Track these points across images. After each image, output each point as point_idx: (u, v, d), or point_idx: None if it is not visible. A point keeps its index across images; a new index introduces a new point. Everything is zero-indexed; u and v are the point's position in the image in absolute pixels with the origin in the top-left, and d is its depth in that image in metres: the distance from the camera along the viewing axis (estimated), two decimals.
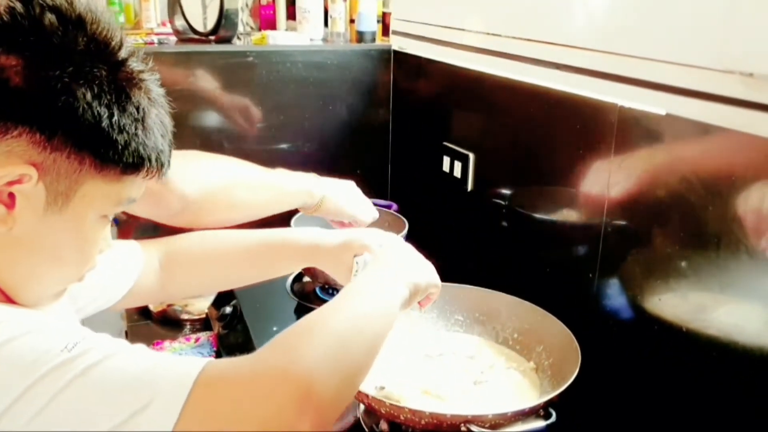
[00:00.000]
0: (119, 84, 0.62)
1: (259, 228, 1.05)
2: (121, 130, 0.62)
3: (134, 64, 0.65)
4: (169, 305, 1.53)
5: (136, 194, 0.69)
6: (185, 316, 1.52)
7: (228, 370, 0.59)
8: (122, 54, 0.64)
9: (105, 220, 0.68)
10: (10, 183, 0.59)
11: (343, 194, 1.28)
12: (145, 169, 0.66)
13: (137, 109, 0.63)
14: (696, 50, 0.84)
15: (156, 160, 0.66)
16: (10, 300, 0.66)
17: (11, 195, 0.60)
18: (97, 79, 0.60)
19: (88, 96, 0.59)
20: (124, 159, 0.63)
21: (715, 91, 0.81)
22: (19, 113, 0.58)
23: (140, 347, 0.60)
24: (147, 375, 0.56)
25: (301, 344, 0.63)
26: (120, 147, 0.62)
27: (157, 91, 0.68)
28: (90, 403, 0.54)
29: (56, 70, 0.58)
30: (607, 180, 1.02)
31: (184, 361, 0.58)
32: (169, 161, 0.70)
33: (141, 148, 0.64)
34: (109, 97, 0.61)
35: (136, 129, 0.63)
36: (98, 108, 0.60)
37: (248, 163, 1.19)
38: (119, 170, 0.64)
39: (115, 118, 0.61)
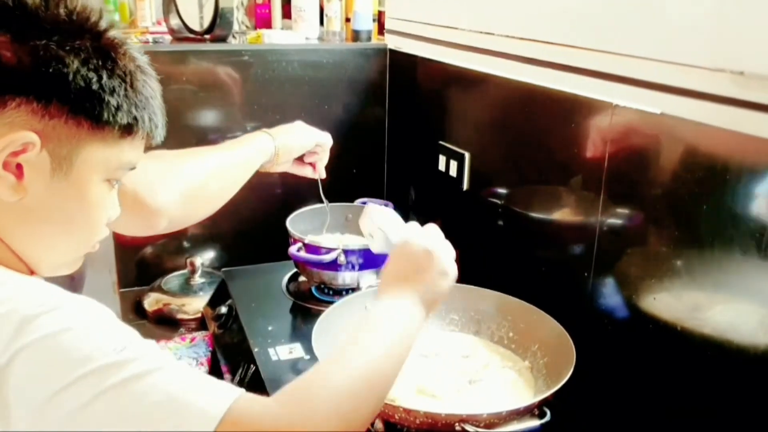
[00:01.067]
0: (104, 50, 0.66)
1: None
2: (111, 92, 0.66)
3: (115, 33, 0.69)
4: (165, 304, 1.53)
5: (135, 159, 0.72)
6: (181, 316, 1.52)
7: (255, 413, 0.62)
8: (103, 24, 0.67)
9: (109, 185, 0.71)
10: (15, 153, 0.62)
11: (294, 132, 1.29)
12: (140, 129, 0.70)
13: (124, 72, 0.67)
14: (688, 49, 0.84)
15: (149, 120, 0.70)
16: (32, 272, 0.70)
17: (19, 166, 0.63)
18: (83, 47, 0.64)
19: (76, 62, 0.63)
20: (118, 120, 0.67)
21: (707, 90, 0.81)
22: (14, 85, 0.62)
23: (179, 364, 0.63)
24: (182, 398, 0.59)
25: (318, 399, 0.66)
26: (113, 108, 0.66)
27: (142, 59, 0.71)
28: (125, 415, 0.57)
29: (42, 40, 0.62)
30: (601, 179, 1.02)
31: (219, 388, 0.61)
32: (163, 124, 0.73)
33: (133, 109, 0.68)
34: (95, 62, 0.64)
35: (125, 90, 0.67)
36: (87, 73, 0.64)
37: (207, 149, 1.19)
38: (116, 132, 0.67)
39: (105, 80, 0.65)
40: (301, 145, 1.29)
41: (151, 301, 1.55)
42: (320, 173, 1.35)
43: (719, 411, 0.86)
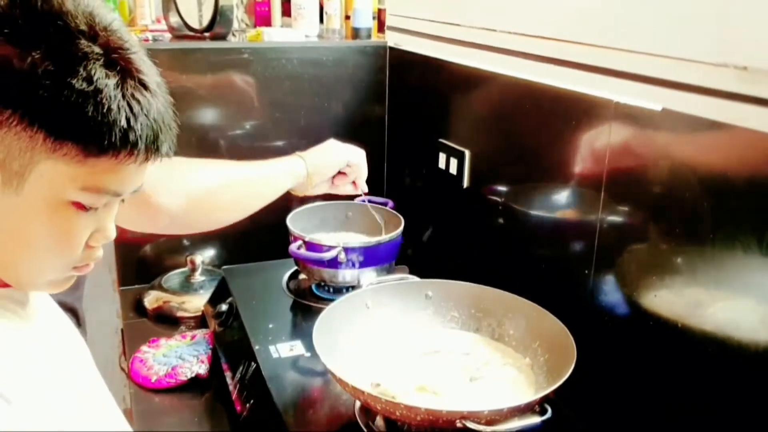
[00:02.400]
0: (71, 54, 0.57)
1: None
2: (75, 104, 0.57)
3: (104, 37, 0.60)
4: (165, 302, 1.53)
5: (116, 185, 0.63)
6: (181, 314, 1.52)
7: None
8: (80, 24, 0.58)
9: (75, 208, 0.62)
10: None
11: (325, 153, 1.31)
12: (108, 148, 0.59)
13: (88, 81, 0.57)
14: (690, 44, 0.84)
15: (121, 141, 0.60)
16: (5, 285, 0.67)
17: None
18: (41, 46, 0.56)
19: (27, 62, 0.55)
20: (79, 137, 0.58)
21: (710, 85, 0.81)
22: None
23: None
24: None
25: None
26: (75, 123, 0.57)
27: (143, 69, 0.62)
28: None
29: None
30: (602, 176, 1.02)
31: None
32: (153, 143, 0.63)
33: (96, 124, 0.58)
34: (55, 66, 0.56)
35: (85, 101, 0.57)
36: (42, 78, 0.56)
37: (230, 162, 1.20)
38: (80, 150, 0.59)
39: (65, 89, 0.56)
40: (332, 166, 1.31)
41: (152, 299, 1.55)
42: (361, 188, 1.36)
43: (720, 408, 0.86)
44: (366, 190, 1.37)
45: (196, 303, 1.53)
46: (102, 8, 0.62)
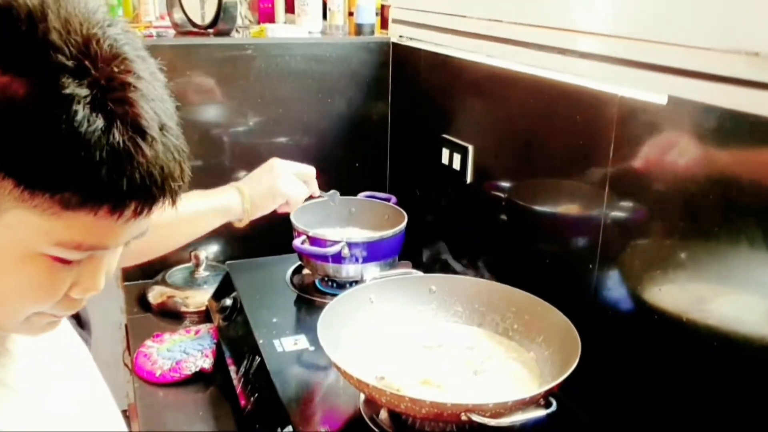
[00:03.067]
0: (51, 93, 0.49)
1: None
2: (43, 151, 0.49)
3: (100, 71, 0.51)
4: (169, 297, 1.54)
5: (97, 241, 0.55)
6: (185, 309, 1.52)
7: None
8: (65, 59, 0.50)
9: (56, 262, 0.56)
10: None
11: (263, 187, 1.27)
12: (86, 203, 0.52)
13: (68, 126, 0.49)
14: (699, 30, 0.83)
15: (100, 194, 0.52)
16: None
17: None
18: (21, 80, 0.49)
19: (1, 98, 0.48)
20: (53, 189, 0.51)
21: (719, 72, 0.80)
22: None
23: None
24: None
25: None
26: (44, 172, 0.50)
27: (143, 111, 0.53)
28: None
29: None
30: (606, 171, 1.03)
31: None
32: (143, 202, 0.55)
33: (73, 177, 0.51)
34: (30, 107, 0.49)
35: (63, 150, 0.49)
36: (13, 119, 0.49)
37: None
38: (54, 203, 0.51)
39: (38, 134, 0.49)
40: (271, 201, 1.28)
41: (156, 294, 1.56)
42: (314, 193, 1.36)
43: (724, 403, 0.86)
44: (317, 193, 1.38)
45: (200, 298, 1.53)
46: (105, 31, 0.53)
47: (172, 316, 1.52)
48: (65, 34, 0.50)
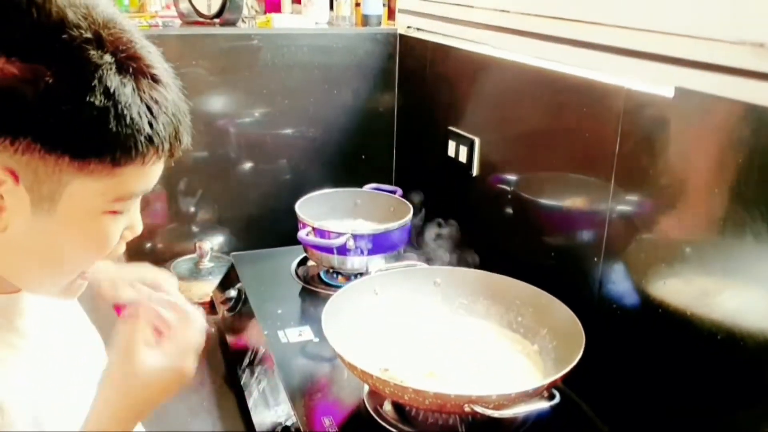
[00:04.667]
0: (82, 69, 0.54)
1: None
2: (90, 120, 0.54)
3: (108, 36, 0.56)
4: None
5: (142, 185, 0.62)
6: (190, 300, 1.52)
7: None
8: (84, 32, 0.54)
9: (111, 215, 0.62)
10: None
11: None
12: (136, 156, 0.58)
13: (106, 94, 0.54)
14: (705, 21, 0.83)
15: (145, 144, 0.58)
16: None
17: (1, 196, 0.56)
18: (51, 66, 0.53)
19: (40, 87, 0.52)
20: (105, 153, 0.56)
21: (725, 63, 0.80)
22: None
23: None
24: None
25: None
26: (94, 140, 0.56)
27: (151, 61, 0.59)
28: None
29: None
30: (612, 165, 1.02)
31: None
32: (175, 138, 0.61)
33: (121, 137, 0.56)
34: (69, 86, 0.53)
35: (107, 117, 0.55)
36: (58, 101, 0.53)
37: None
38: (107, 164, 0.57)
39: (83, 109, 0.54)
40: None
41: None
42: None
43: (727, 397, 0.86)
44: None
45: (204, 289, 1.54)
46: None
47: None
48: (72, 9, 0.54)
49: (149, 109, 0.57)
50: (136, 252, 1.65)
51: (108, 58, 0.55)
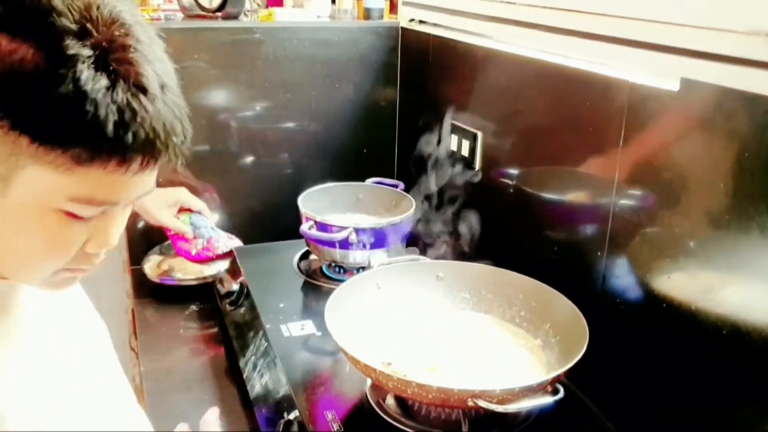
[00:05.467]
0: (56, 55, 0.53)
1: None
2: (49, 106, 0.53)
3: (102, 34, 0.55)
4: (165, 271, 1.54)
5: (108, 195, 0.59)
6: (181, 277, 1.53)
7: None
8: (68, 23, 0.54)
9: (70, 218, 0.59)
10: None
11: None
12: (94, 157, 0.55)
13: (75, 85, 0.52)
14: (713, 11, 0.82)
15: (109, 151, 0.55)
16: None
17: None
18: (28, 44, 0.53)
19: (10, 61, 0.52)
20: (65, 145, 0.54)
21: (734, 54, 0.79)
22: None
23: None
24: None
25: None
26: (53, 127, 0.54)
27: (144, 71, 0.56)
28: None
29: None
30: (616, 159, 1.02)
31: None
32: (147, 155, 0.58)
33: (81, 132, 0.54)
34: (39, 68, 0.52)
35: (69, 106, 0.53)
36: (25, 80, 0.52)
37: None
38: (67, 159, 0.55)
39: (43, 92, 0.52)
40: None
41: (152, 265, 1.56)
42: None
43: (732, 392, 0.85)
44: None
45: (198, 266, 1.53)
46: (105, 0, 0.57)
47: (176, 297, 1.52)
48: (67, 0, 0.54)
49: (120, 113, 0.54)
50: (137, 244, 1.66)
51: (87, 51, 0.53)
